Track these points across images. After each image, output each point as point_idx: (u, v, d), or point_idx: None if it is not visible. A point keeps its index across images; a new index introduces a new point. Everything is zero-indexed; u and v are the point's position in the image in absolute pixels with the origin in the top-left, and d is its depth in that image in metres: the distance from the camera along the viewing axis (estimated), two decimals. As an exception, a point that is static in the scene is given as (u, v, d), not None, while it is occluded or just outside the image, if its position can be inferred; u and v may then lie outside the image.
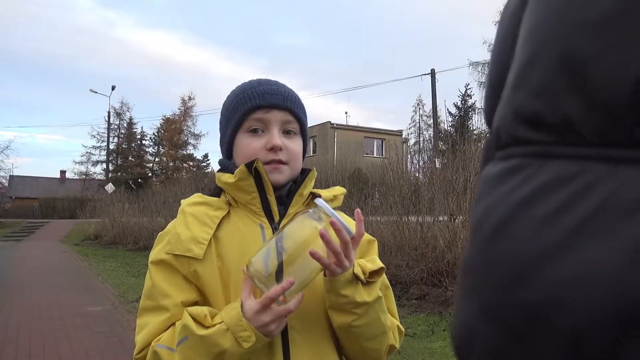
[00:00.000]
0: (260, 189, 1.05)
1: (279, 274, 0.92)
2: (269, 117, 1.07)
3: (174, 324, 0.99)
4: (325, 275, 0.97)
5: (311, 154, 29.79)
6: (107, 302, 7.58)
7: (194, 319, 0.95)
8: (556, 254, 0.24)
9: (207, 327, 0.94)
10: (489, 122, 0.36)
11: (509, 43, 0.33)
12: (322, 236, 0.91)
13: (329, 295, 0.99)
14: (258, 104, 1.06)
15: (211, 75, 76.99)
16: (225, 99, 1.15)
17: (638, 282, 0.21)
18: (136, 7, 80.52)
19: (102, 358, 4.87)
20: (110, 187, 24.63)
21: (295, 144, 1.09)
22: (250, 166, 1.03)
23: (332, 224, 0.92)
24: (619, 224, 0.22)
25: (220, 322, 0.94)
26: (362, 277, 0.99)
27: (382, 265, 1.04)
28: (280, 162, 1.06)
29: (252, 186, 1.05)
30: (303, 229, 0.94)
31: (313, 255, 0.91)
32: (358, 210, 0.98)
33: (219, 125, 1.16)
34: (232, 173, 1.06)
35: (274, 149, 1.05)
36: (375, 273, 1.02)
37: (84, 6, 73.59)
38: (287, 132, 1.09)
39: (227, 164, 1.11)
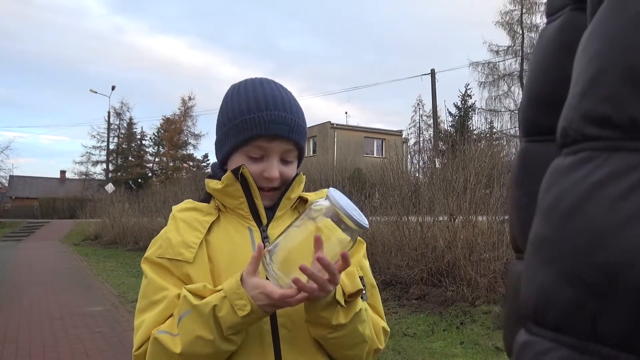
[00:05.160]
0: (247, 193, 1.07)
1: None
2: (271, 147, 1.07)
3: (172, 315, 0.99)
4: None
5: (311, 154, 29.79)
6: (107, 302, 7.58)
7: (193, 292, 0.96)
8: (628, 225, 0.31)
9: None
10: (528, 126, 0.45)
11: (551, 64, 0.43)
12: (304, 270, 0.88)
13: (308, 313, 1.00)
14: (262, 133, 1.05)
15: (216, 78, 77.38)
16: (226, 97, 1.13)
17: None
18: (147, 13, 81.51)
19: (102, 358, 4.87)
20: (110, 187, 24.65)
21: (291, 169, 1.11)
22: (237, 172, 1.05)
23: (319, 260, 0.88)
24: None
25: (220, 290, 0.95)
26: (341, 301, 0.98)
27: (361, 286, 1.01)
28: (274, 189, 1.09)
29: (239, 191, 1.07)
30: (299, 236, 0.94)
31: (297, 283, 0.90)
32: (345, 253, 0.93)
33: (216, 125, 1.15)
34: (220, 179, 1.08)
35: (269, 179, 1.07)
36: (354, 294, 1.00)
37: (96, 13, 74.83)
38: (285, 159, 1.10)
39: (216, 171, 1.13)
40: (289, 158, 1.10)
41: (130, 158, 44.39)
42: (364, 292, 1.02)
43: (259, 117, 1.05)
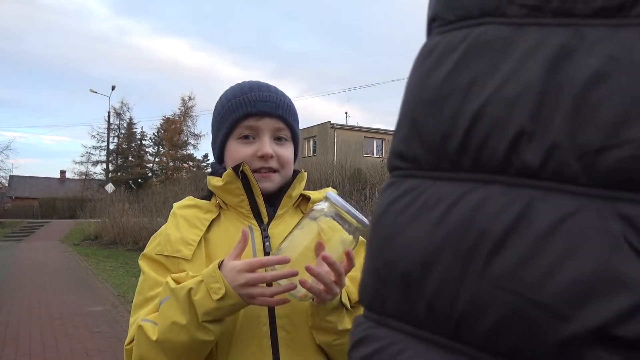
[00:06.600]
0: (248, 191, 1.06)
1: None
2: (260, 125, 1.06)
3: None
4: (312, 300, 0.96)
5: (311, 154, 29.79)
6: (107, 302, 7.59)
7: (175, 280, 0.96)
8: (403, 230, 0.43)
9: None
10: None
11: None
12: (310, 270, 0.88)
13: (313, 318, 0.99)
14: (249, 111, 1.06)
15: (217, 79, 77.55)
16: (216, 102, 1.14)
17: (430, 243, 0.41)
18: (149, 15, 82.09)
19: (102, 358, 4.87)
20: (110, 187, 24.62)
21: (286, 151, 1.10)
22: (237, 169, 1.04)
23: (324, 259, 0.89)
24: (428, 213, 0.42)
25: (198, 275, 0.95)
26: (348, 305, 0.98)
27: None
28: (271, 169, 1.07)
29: (239, 189, 1.06)
30: (303, 240, 0.93)
31: (303, 284, 0.89)
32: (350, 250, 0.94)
33: (210, 127, 1.17)
34: (221, 176, 1.07)
35: (264, 157, 1.05)
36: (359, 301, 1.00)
37: (98, 14, 75.53)
38: (278, 139, 1.09)
39: (217, 168, 1.12)
40: (281, 137, 1.09)
41: (130, 158, 44.40)
42: None
43: (244, 99, 1.07)
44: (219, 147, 1.11)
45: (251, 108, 1.06)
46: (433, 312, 0.40)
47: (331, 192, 0.97)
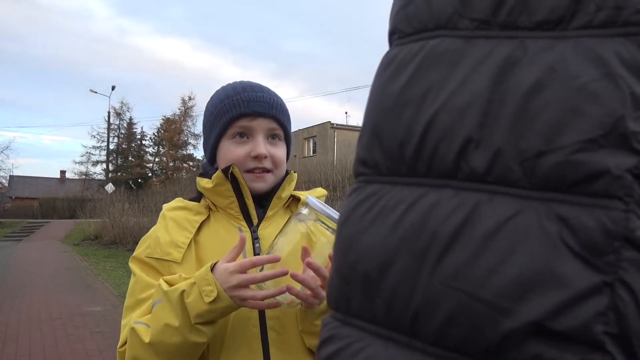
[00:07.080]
0: (238, 193, 1.06)
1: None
2: (253, 125, 1.07)
3: None
4: (301, 305, 0.97)
5: (311, 154, 29.78)
6: (107, 302, 7.60)
7: (168, 282, 0.97)
8: (364, 233, 0.45)
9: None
10: None
11: None
12: (295, 277, 0.90)
13: (302, 322, 1.00)
14: (243, 111, 1.06)
15: (217, 79, 77.61)
16: (207, 102, 1.14)
17: (387, 245, 0.43)
18: (150, 16, 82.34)
19: (102, 358, 4.90)
20: (110, 187, 24.61)
21: (279, 151, 1.10)
22: (227, 171, 1.04)
23: (308, 264, 0.90)
24: (386, 216, 0.44)
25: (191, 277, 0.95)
26: None
27: None
28: (265, 170, 1.07)
29: (229, 191, 1.06)
30: (290, 242, 0.95)
31: (290, 290, 0.90)
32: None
33: (202, 128, 1.16)
34: (210, 178, 1.07)
35: (258, 157, 1.06)
36: None
37: (99, 15, 75.97)
38: (271, 138, 1.09)
39: (207, 169, 1.12)
40: (274, 138, 1.10)
41: (130, 158, 44.38)
42: None
43: (238, 99, 1.07)
44: (212, 148, 1.12)
45: (245, 108, 1.06)
46: (391, 310, 0.42)
47: (310, 197, 0.98)
